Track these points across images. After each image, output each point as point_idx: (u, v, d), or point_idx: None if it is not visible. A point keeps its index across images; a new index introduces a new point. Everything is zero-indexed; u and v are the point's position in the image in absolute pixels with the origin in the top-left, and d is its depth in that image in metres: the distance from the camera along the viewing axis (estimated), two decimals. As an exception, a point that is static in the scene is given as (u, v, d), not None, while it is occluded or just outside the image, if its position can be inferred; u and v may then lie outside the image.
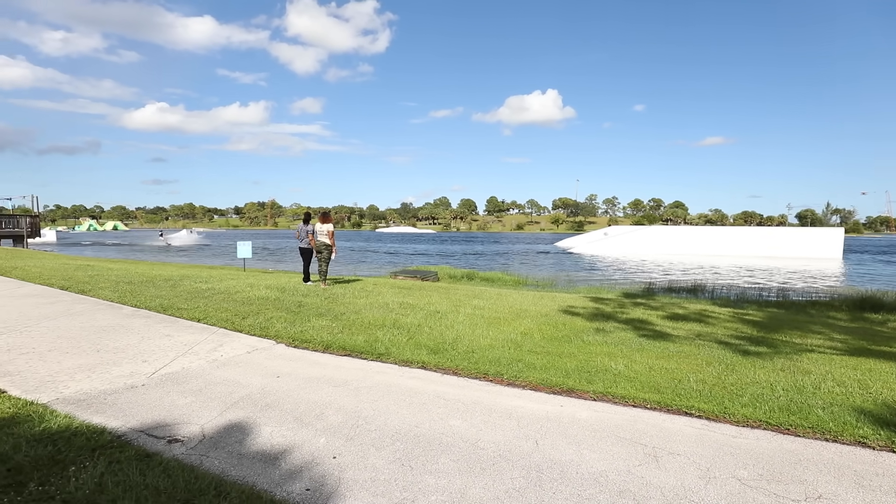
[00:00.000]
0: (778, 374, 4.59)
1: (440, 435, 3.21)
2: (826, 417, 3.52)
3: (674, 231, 46.23)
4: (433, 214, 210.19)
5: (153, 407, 3.55)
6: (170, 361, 4.69)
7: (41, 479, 2.44)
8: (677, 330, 6.87)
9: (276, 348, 5.37)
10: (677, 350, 5.56)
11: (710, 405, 3.75)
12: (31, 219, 31.77)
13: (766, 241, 38.78)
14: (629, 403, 3.85)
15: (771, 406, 3.73)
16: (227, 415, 3.45)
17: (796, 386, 4.23)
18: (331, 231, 10.14)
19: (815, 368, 4.83)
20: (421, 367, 4.77)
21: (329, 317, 6.96)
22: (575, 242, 50.91)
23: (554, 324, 6.95)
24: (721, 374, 4.59)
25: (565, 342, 5.87)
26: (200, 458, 2.80)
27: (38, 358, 4.67)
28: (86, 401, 3.62)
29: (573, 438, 3.20)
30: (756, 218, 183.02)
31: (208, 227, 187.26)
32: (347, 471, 2.71)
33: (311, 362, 4.86)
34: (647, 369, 4.70)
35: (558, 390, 4.13)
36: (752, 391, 4.08)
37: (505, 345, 5.59)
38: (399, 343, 5.54)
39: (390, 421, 3.42)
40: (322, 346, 5.42)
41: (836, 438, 3.24)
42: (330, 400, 3.80)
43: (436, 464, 2.82)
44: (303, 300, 8.28)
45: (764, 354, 5.43)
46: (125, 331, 5.90)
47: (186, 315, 6.87)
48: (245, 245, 15.46)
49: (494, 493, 2.53)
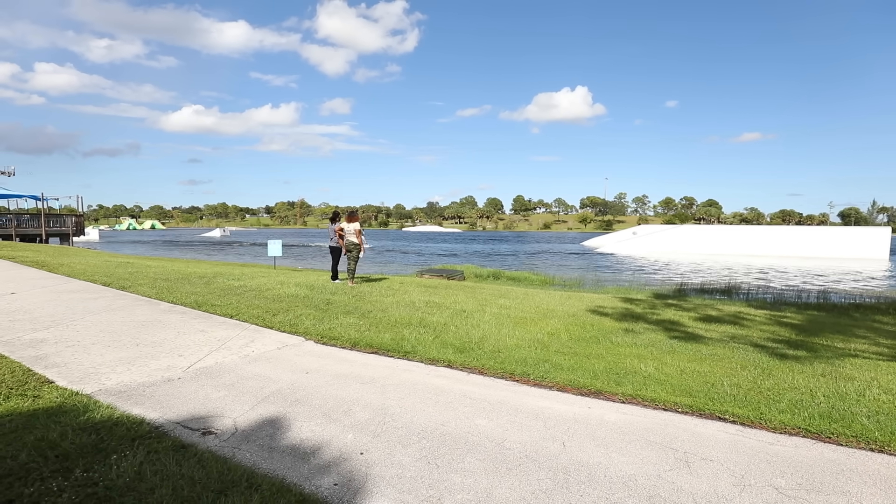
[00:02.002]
0: (818, 380, 4.39)
1: (466, 434, 3.21)
2: (871, 426, 3.35)
3: (706, 230, 44.85)
4: (459, 213, 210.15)
5: (188, 400, 3.67)
6: (204, 356, 4.85)
7: (86, 465, 2.56)
8: (710, 332, 6.67)
9: (305, 345, 5.48)
10: (710, 353, 5.40)
11: (745, 410, 3.63)
12: (76, 218, 33.32)
13: (806, 240, 37.18)
14: (659, 407, 3.76)
15: (811, 413, 3.58)
16: (259, 409, 3.54)
17: (838, 392, 4.05)
18: (358, 230, 10.27)
19: (860, 374, 4.61)
20: (447, 365, 4.78)
21: (356, 315, 7.05)
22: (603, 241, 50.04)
23: (581, 324, 6.85)
24: (757, 378, 4.43)
25: (593, 343, 5.78)
26: (233, 450, 2.89)
27: (82, 350, 4.90)
28: (126, 392, 3.78)
29: (601, 441, 3.15)
30: (795, 217, 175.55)
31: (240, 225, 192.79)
32: (374, 467, 2.75)
33: (338, 359, 4.94)
34: (679, 372, 4.58)
35: (586, 392, 4.07)
36: (790, 397, 3.92)
37: (531, 345, 5.54)
38: (425, 342, 5.56)
39: (416, 419, 3.44)
40: (350, 344, 5.49)
41: (883, 449, 3.09)
42: (357, 397, 3.85)
43: (462, 462, 2.82)
44: (331, 298, 8.42)
45: (803, 359, 5.21)
46: (162, 326, 6.13)
47: (220, 311, 7.08)
48: (276, 243, 15.82)
49: (521, 493, 2.52)
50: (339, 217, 11.12)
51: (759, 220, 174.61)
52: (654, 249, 40.79)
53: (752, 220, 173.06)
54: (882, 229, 36.74)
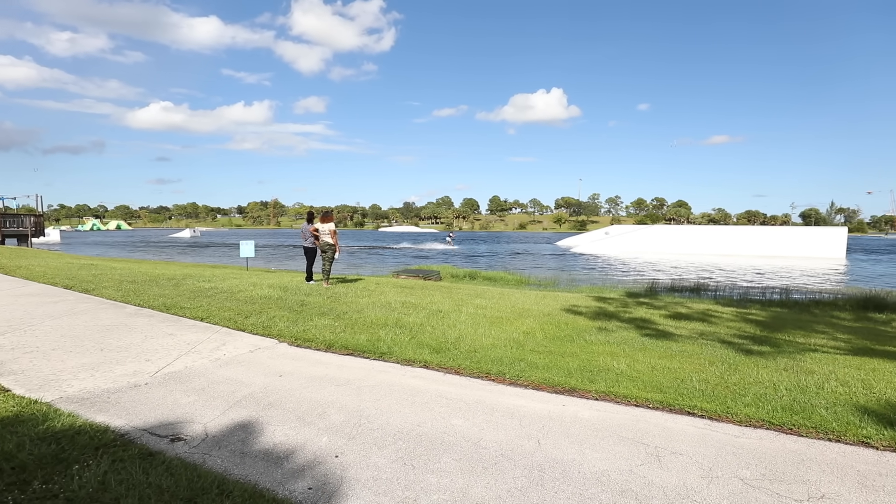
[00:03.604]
0: (781, 374, 4.57)
1: (442, 434, 3.21)
2: (829, 417, 3.50)
3: (676, 230, 46.09)
4: (436, 214, 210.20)
5: (156, 406, 3.56)
6: (173, 360, 4.71)
7: (45, 477, 2.45)
8: (680, 329, 6.86)
9: (278, 347, 5.39)
10: (680, 349, 5.55)
11: (712, 405, 3.74)
12: (35, 218, 31.89)
13: (769, 240, 38.62)
14: (632, 403, 3.84)
15: (774, 406, 3.72)
16: (230, 414, 3.46)
17: (799, 386, 4.22)
18: (333, 230, 10.15)
19: (819, 368, 4.81)
20: (423, 366, 4.77)
21: (331, 316, 6.97)
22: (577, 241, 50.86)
23: (556, 323, 6.95)
24: (724, 373, 4.58)
25: (568, 341, 5.86)
26: (203, 456, 2.81)
27: (41, 357, 4.69)
28: (89, 399, 3.64)
29: (575, 438, 3.19)
30: (760, 217, 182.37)
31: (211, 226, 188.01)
32: (350, 469, 2.72)
33: (313, 361, 4.87)
34: (650, 369, 4.69)
35: (561, 390, 4.13)
36: (754, 391, 4.07)
37: (507, 344, 5.59)
38: (401, 342, 5.54)
39: (392, 420, 3.42)
40: (325, 346, 5.42)
41: (840, 438, 3.23)
42: (332, 399, 3.81)
43: (438, 463, 2.82)
44: (305, 299, 8.30)
45: (767, 354, 5.42)
46: (128, 330, 5.92)
47: (189, 314, 6.89)
48: (248, 244, 15.49)
49: (496, 492, 2.53)
50: (314, 217, 10.98)
51: (726, 220, 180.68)
52: (626, 249, 41.68)
53: (720, 220, 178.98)
54: (839, 229, 38.48)
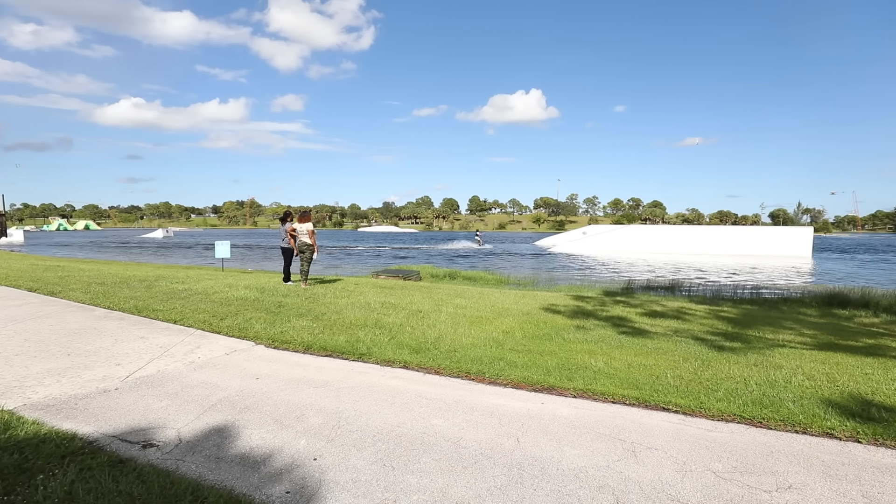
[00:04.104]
0: (751, 369, 4.71)
1: (422, 434, 3.20)
2: (796, 410, 3.63)
3: (651, 230, 47.05)
4: (415, 214, 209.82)
5: (127, 411, 3.45)
6: (145, 364, 4.58)
7: (6, 488, 2.35)
8: (655, 327, 7.00)
9: (255, 349, 5.29)
10: (655, 347, 5.67)
11: (686, 400, 3.83)
12: (-4, 218, 30.56)
13: (741, 239, 39.74)
14: (609, 400, 3.90)
15: (744, 400, 3.83)
16: (205, 418, 3.38)
17: (768, 380, 4.36)
18: (311, 230, 10.03)
19: (786, 363, 4.98)
20: (403, 366, 4.76)
21: (310, 317, 6.88)
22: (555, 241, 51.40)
23: (535, 322, 7.01)
24: (697, 369, 4.69)
25: (546, 340, 5.92)
26: (177, 462, 2.74)
27: (3, 362, 4.50)
28: (55, 406, 3.51)
29: (554, 435, 3.23)
30: (731, 217, 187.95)
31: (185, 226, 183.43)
32: (328, 472, 2.69)
33: (291, 363, 4.80)
34: (626, 366, 4.78)
35: (539, 388, 4.16)
36: (726, 386, 4.18)
37: (487, 343, 5.61)
38: (381, 343, 5.51)
39: (372, 421, 3.40)
40: (303, 347, 5.35)
41: (806, 430, 3.35)
42: (310, 401, 3.76)
43: (417, 463, 2.82)
44: (283, 300, 8.17)
45: (738, 350, 5.58)
46: (97, 333, 5.73)
47: (162, 317, 6.71)
48: (223, 244, 15.17)
49: (476, 491, 2.54)
50: (290, 217, 10.82)
51: (700, 220, 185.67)
52: (604, 249, 42.35)
53: (693, 220, 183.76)
54: (806, 229, 39.85)
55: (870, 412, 3.59)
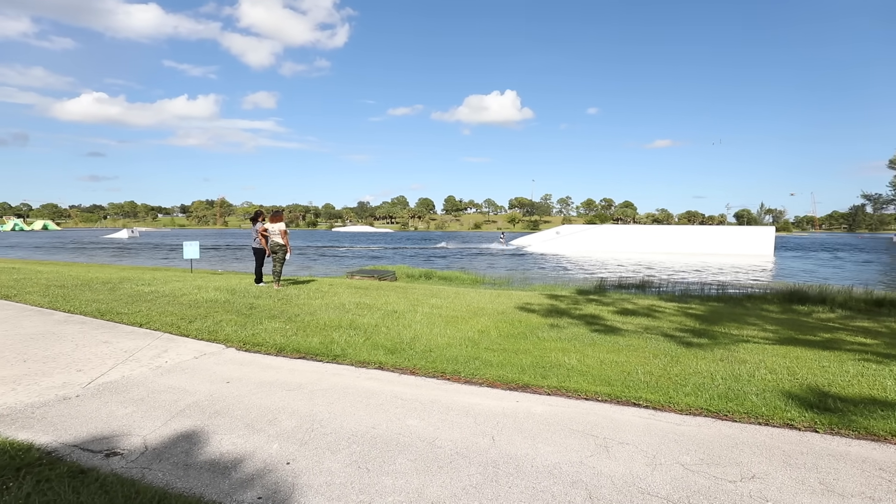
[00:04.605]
0: (717, 364, 4.87)
1: (397, 435, 3.19)
2: (759, 403, 3.77)
3: (623, 230, 48.11)
4: (391, 213, 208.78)
5: (89, 419, 3.32)
6: (108, 370, 4.41)
7: (-43, 502, 2.23)
8: (626, 324, 7.16)
9: (225, 353, 5.16)
10: (626, 344, 5.79)
11: (656, 395, 3.93)
12: (-55, 218, 28.90)
13: (707, 239, 41.06)
14: (582, 397, 3.97)
15: (711, 394, 3.96)
16: (173, 424, 3.28)
17: (733, 374, 4.51)
18: (283, 230, 9.86)
19: (750, 357, 5.17)
20: (378, 367, 4.72)
21: (283, 319, 6.76)
22: (530, 241, 51.97)
23: (510, 321, 7.07)
24: (666, 365, 4.82)
25: (521, 339, 5.98)
26: (142, 470, 2.65)
27: (-46, 370, 4.26)
28: (10, 416, 3.34)
29: (528, 433, 3.26)
30: (699, 217, 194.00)
31: (152, 226, 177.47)
32: (302, 476, 2.65)
33: (263, 366, 4.71)
34: (599, 363, 4.87)
35: (514, 386, 4.20)
36: (694, 381, 4.31)
37: (462, 343, 5.63)
38: (356, 344, 5.46)
39: (346, 423, 3.36)
40: (275, 350, 5.25)
41: (768, 422, 3.48)
42: (283, 404, 3.69)
43: (393, 464, 2.80)
44: (255, 302, 8.00)
45: (705, 346, 5.76)
46: (57, 338, 5.48)
47: (127, 320, 6.47)
48: (192, 245, 14.73)
49: (452, 490, 2.55)
50: (261, 217, 10.61)
51: (669, 220, 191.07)
52: (577, 248, 43.06)
53: (663, 220, 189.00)
54: (768, 228, 41.52)
55: (826, 403, 3.76)
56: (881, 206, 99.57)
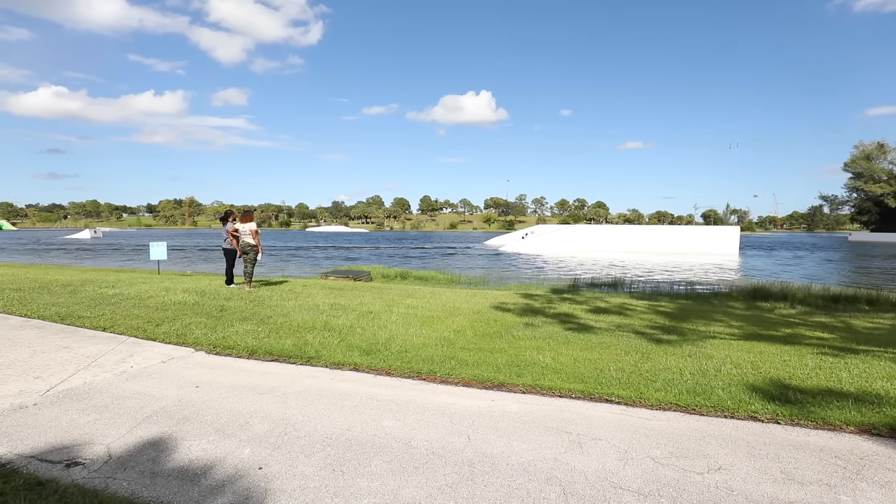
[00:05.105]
0: (686, 360, 5.01)
1: (373, 437, 3.16)
2: (725, 397, 3.90)
3: (596, 230, 49.03)
4: (366, 213, 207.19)
5: (47, 428, 3.17)
6: (69, 376, 4.23)
7: None
8: (599, 322, 7.30)
9: (194, 356, 5.02)
10: (599, 341, 5.90)
11: (628, 391, 4.02)
12: None
13: (676, 238, 42.27)
14: (556, 394, 4.03)
15: (680, 389, 4.07)
16: (139, 431, 3.17)
17: (701, 370, 4.66)
18: (254, 230, 9.66)
19: (717, 353, 5.34)
20: (353, 369, 4.68)
21: (254, 321, 6.62)
22: (505, 241, 52.40)
23: (486, 320, 7.11)
24: (637, 362, 4.93)
25: (496, 338, 6.02)
26: (106, 480, 2.55)
27: None
28: (-39, 426, 3.16)
29: (504, 431, 3.29)
30: (668, 217, 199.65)
31: (116, 226, 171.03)
32: (274, 481, 2.60)
33: (234, 369, 4.60)
34: (573, 361, 4.95)
35: (490, 385, 4.23)
36: (664, 377, 4.42)
37: (438, 343, 5.63)
38: (330, 345, 5.39)
39: (321, 426, 3.32)
40: (247, 352, 5.14)
41: (733, 415, 3.61)
42: (255, 408, 3.61)
43: (368, 466, 2.78)
44: (225, 304, 7.81)
45: (674, 342, 5.92)
46: (12, 344, 5.23)
47: (89, 324, 6.22)
48: (159, 246, 14.26)
49: (427, 490, 2.54)
50: (231, 216, 10.37)
51: (640, 219, 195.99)
52: (551, 248, 43.65)
53: (634, 220, 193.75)
54: (733, 228, 43.06)
55: (787, 395, 3.92)
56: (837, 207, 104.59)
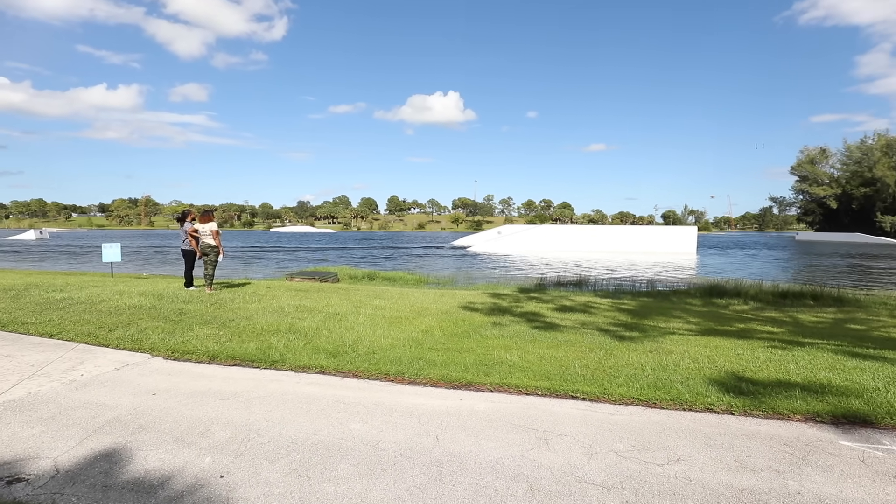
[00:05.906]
0: (647, 356, 5.18)
1: (339, 440, 3.12)
2: (683, 390, 4.05)
3: (561, 230, 50.08)
4: (332, 213, 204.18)
5: (-13, 442, 2.97)
6: (10, 387, 3.97)
7: None
8: (565, 321, 7.45)
9: (151, 363, 4.81)
10: (565, 339, 6.02)
11: (592, 387, 4.12)
12: None
13: (638, 238, 43.68)
14: (523, 392, 4.08)
15: (641, 384, 4.20)
16: (90, 443, 3.01)
17: (661, 365, 4.82)
18: (215, 230, 9.35)
19: (676, 348, 5.55)
20: (319, 372, 4.60)
21: (216, 324, 6.40)
22: (472, 241, 52.73)
23: (454, 320, 7.13)
24: (601, 358, 5.06)
25: (464, 337, 6.05)
26: (53, 496, 2.41)
27: None
28: None
29: (472, 430, 3.30)
30: (630, 217, 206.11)
31: (64, 226, 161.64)
32: (237, 489, 2.52)
33: (194, 375, 4.43)
34: (539, 359, 5.02)
35: (458, 385, 4.24)
36: (626, 372, 4.55)
37: (406, 344, 5.60)
38: (295, 348, 5.27)
39: (286, 431, 3.24)
40: (207, 357, 4.97)
41: (691, 407, 3.75)
42: (216, 415, 3.50)
43: (335, 470, 2.73)
44: (184, 307, 7.52)
45: (636, 339, 6.11)
46: (-53, 353, 4.86)
47: (34, 330, 5.87)
48: (112, 247, 13.58)
49: (395, 492, 2.52)
50: (190, 216, 9.99)
51: (603, 220, 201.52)
52: (518, 248, 44.24)
53: (598, 220, 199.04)
54: (691, 228, 44.93)
55: (741, 387, 4.11)
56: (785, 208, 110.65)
